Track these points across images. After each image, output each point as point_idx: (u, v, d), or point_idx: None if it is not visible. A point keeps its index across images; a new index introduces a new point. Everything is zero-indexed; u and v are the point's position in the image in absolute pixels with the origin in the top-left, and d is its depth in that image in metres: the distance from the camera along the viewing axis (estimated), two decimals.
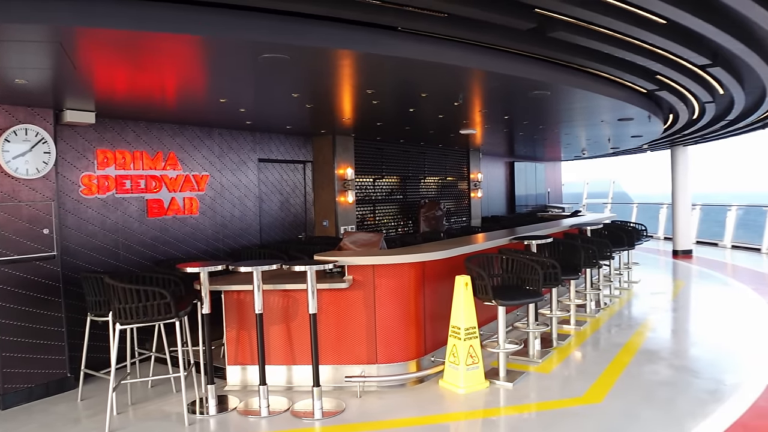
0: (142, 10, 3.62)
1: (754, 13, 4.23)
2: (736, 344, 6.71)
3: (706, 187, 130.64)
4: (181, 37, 3.86)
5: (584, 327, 7.57)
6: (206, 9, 3.78)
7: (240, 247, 8.50)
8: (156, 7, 3.66)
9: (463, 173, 14.71)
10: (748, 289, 10.08)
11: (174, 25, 3.72)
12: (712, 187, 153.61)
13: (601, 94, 6.67)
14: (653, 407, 4.91)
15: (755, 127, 12.01)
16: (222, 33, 3.91)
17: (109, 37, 3.79)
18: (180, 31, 3.76)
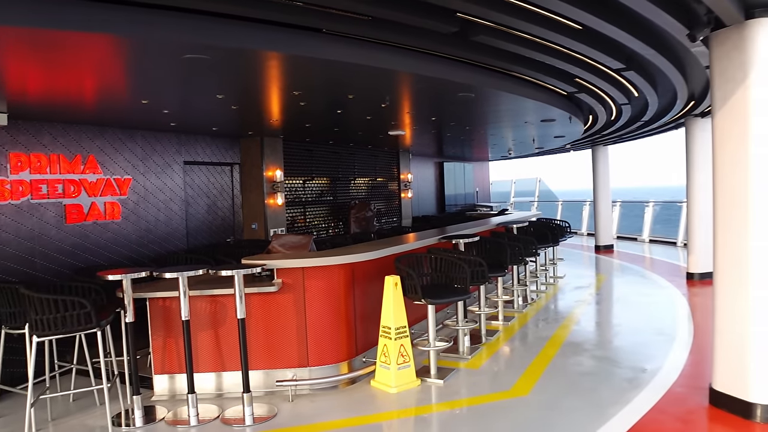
0: (58, 8, 3.47)
1: (663, 20, 4.46)
2: (654, 334, 7.05)
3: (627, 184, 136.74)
4: (100, 36, 3.73)
5: (512, 322, 7.78)
6: (125, 8, 3.67)
7: (166, 253, 8.27)
8: (73, 5, 3.51)
9: (393, 174, 14.83)
10: (664, 281, 10.61)
11: (91, 24, 3.59)
12: (631, 184, 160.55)
13: (524, 96, 6.88)
14: (577, 397, 5.10)
15: (669, 127, 12.68)
16: (142, 32, 3.81)
17: (23, 36, 3.61)
18: (98, 30, 3.63)
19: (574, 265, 13.17)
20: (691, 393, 5.07)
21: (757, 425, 4.39)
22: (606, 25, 4.51)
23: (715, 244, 4.71)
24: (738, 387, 4.54)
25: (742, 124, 4.39)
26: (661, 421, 4.53)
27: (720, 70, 4.57)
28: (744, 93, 4.38)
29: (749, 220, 4.39)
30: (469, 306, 7.90)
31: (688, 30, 4.49)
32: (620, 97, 7.75)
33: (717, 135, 4.61)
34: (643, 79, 6.67)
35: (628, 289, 10.23)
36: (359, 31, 4.50)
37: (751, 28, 4.34)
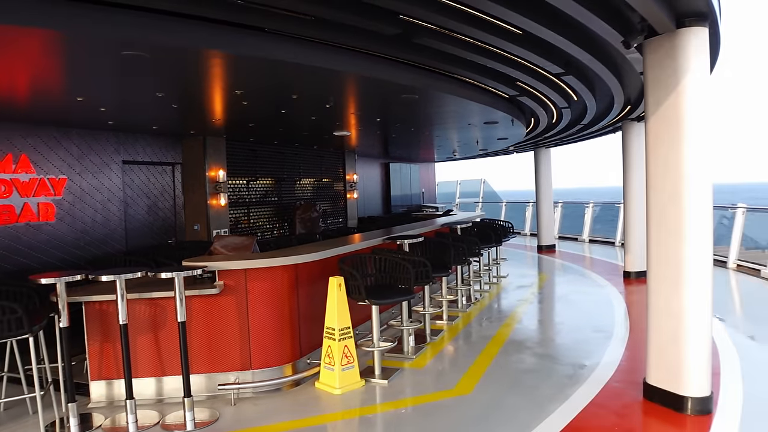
0: None
1: (599, 27, 4.60)
2: (593, 331, 7.25)
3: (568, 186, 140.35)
4: (33, 30, 3.57)
5: (456, 321, 7.87)
6: (61, 1, 3.53)
7: (103, 255, 8.02)
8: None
9: (339, 174, 14.80)
10: (603, 280, 10.95)
11: (24, 17, 3.43)
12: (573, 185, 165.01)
13: (467, 98, 6.98)
14: (518, 394, 5.19)
15: (607, 131, 13.10)
16: (78, 27, 3.67)
17: None
18: (31, 23, 3.48)
19: (517, 264, 13.44)
20: (627, 387, 5.23)
21: (688, 417, 4.57)
22: (545, 31, 4.62)
23: (648, 244, 4.89)
24: (670, 381, 4.72)
25: (674, 129, 4.57)
26: (598, 416, 4.66)
27: (653, 76, 4.74)
28: (676, 99, 4.55)
29: (681, 221, 4.57)
30: (414, 306, 7.97)
31: (623, 37, 4.65)
32: (560, 100, 7.95)
33: (650, 139, 4.79)
34: (582, 84, 6.86)
35: (569, 288, 10.50)
36: (302, 30, 4.47)
37: (682, 36, 4.51)
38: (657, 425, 4.55)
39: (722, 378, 5.39)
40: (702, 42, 4.54)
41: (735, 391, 5.07)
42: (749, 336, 7.00)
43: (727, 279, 10.93)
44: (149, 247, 8.94)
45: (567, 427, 4.45)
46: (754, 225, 11.99)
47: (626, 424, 4.54)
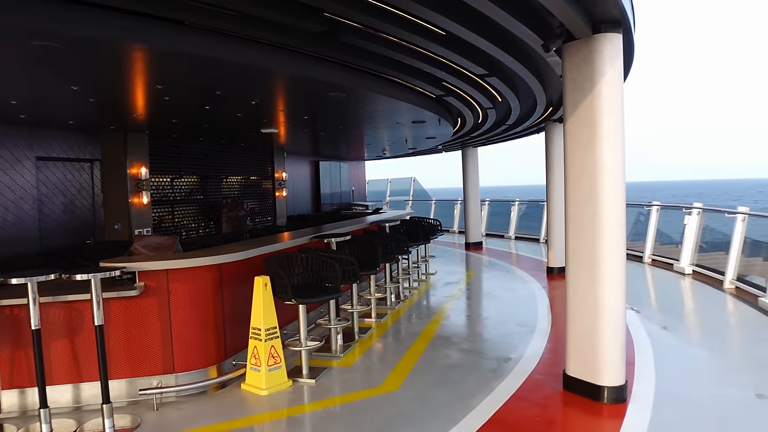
0: None
1: (520, 31, 4.73)
2: (517, 325, 7.46)
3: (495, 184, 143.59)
4: None
5: (385, 319, 7.92)
6: None
7: (15, 256, 7.59)
8: None
9: (268, 172, 14.60)
10: (528, 275, 11.28)
11: None
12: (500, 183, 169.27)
13: (394, 98, 7.03)
14: (444, 389, 5.27)
15: (531, 131, 13.49)
16: None
17: None
18: None
19: (445, 261, 13.65)
20: (549, 379, 5.41)
21: (605, 406, 4.77)
22: (468, 33, 4.70)
23: (567, 241, 5.07)
24: (588, 372, 4.91)
25: (590, 130, 4.75)
26: (521, 407, 4.79)
27: (571, 79, 4.91)
28: (592, 101, 4.73)
29: (597, 219, 4.76)
30: (343, 304, 7.95)
31: (543, 41, 4.79)
32: (485, 101, 8.13)
33: (568, 139, 4.96)
34: (506, 86, 7.03)
35: (495, 284, 10.75)
36: (225, 25, 4.38)
37: (598, 42, 4.70)
38: (575, 414, 4.72)
39: (636, 367, 5.65)
40: (616, 47, 4.74)
41: (648, 380, 5.33)
42: (662, 326, 7.37)
43: (643, 273, 11.47)
44: (66, 248, 8.54)
45: (490, 420, 4.56)
46: (668, 222, 12.63)
47: (547, 414, 4.69)
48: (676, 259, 11.29)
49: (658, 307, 8.90)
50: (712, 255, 10.74)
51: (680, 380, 5.42)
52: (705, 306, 8.89)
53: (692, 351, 6.51)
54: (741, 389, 5.10)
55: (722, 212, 10.45)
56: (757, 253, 9.13)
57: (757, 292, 8.46)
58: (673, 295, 9.73)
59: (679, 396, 4.99)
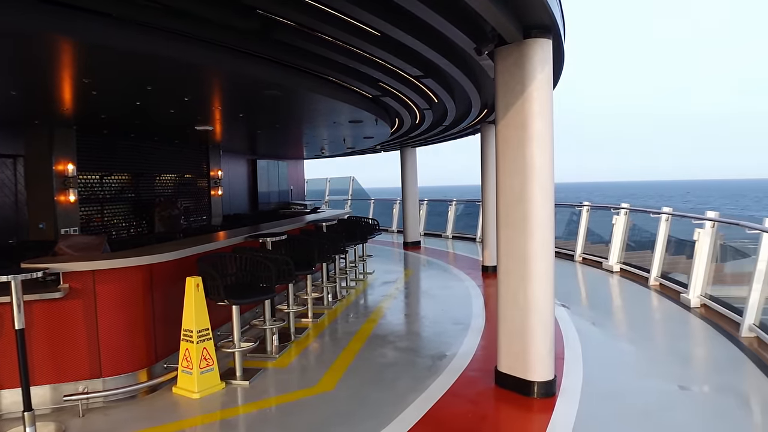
0: None
1: (453, 34, 4.80)
2: (452, 323, 7.57)
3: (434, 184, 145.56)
4: None
5: (321, 319, 7.89)
6: None
7: None
8: None
9: (203, 170, 14.30)
10: (464, 274, 11.46)
11: None
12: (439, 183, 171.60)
13: (331, 97, 7.00)
14: (379, 388, 5.30)
15: (467, 132, 13.71)
16: None
17: None
18: None
19: (383, 261, 13.71)
20: (481, 376, 5.52)
21: (535, 401, 4.91)
22: (403, 35, 4.74)
23: (498, 241, 5.19)
24: (518, 368, 5.04)
25: (521, 132, 4.87)
26: (453, 404, 4.87)
27: (503, 82, 5.02)
28: (522, 104, 4.85)
29: (528, 219, 4.89)
30: (279, 305, 7.89)
31: (476, 44, 4.88)
32: (422, 102, 8.21)
33: (500, 141, 5.07)
34: (441, 87, 7.12)
35: (431, 283, 10.88)
36: (154, 19, 4.25)
37: (528, 47, 4.82)
38: (506, 409, 4.83)
39: (566, 362, 5.84)
40: (546, 53, 4.87)
41: (576, 374, 5.51)
42: (591, 322, 7.63)
43: (574, 271, 11.85)
44: None
45: (424, 417, 4.61)
46: (599, 221, 13.08)
47: (479, 410, 4.79)
48: (605, 258, 11.71)
49: (587, 304, 9.21)
50: (639, 253, 11.20)
51: (607, 374, 5.63)
52: (631, 302, 9.26)
53: (619, 345, 6.77)
54: (665, 381, 5.35)
55: (647, 212, 10.91)
56: (681, 252, 9.56)
57: (680, 288, 8.88)
58: (601, 292, 10.09)
59: (605, 389, 5.19)
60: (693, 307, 8.06)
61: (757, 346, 6.28)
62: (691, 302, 8.13)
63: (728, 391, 5.12)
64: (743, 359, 5.94)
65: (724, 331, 6.88)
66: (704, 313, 7.77)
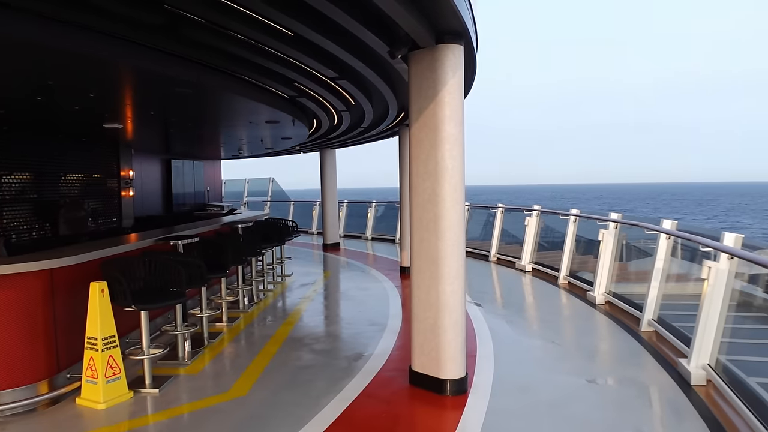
0: None
1: (367, 37, 4.83)
2: (369, 324, 7.62)
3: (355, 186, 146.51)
4: None
5: (237, 323, 7.75)
6: None
7: None
8: None
9: (113, 170, 13.69)
10: (382, 275, 11.55)
11: None
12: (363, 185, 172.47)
13: (246, 97, 6.89)
14: (294, 391, 5.26)
15: (386, 135, 13.82)
16: None
17: None
18: None
19: (302, 263, 13.62)
20: (396, 376, 5.58)
21: (448, 398, 5.02)
22: (317, 36, 4.73)
23: (411, 242, 5.27)
24: (432, 367, 5.13)
25: (432, 135, 4.97)
26: (368, 404, 4.90)
27: (416, 85, 5.10)
28: (434, 108, 4.95)
29: (439, 220, 4.99)
30: (192, 309, 7.68)
31: (389, 48, 4.93)
32: (339, 104, 8.22)
33: (413, 144, 5.15)
34: (358, 90, 7.15)
35: (350, 284, 10.89)
36: (54, 10, 4.04)
37: (441, 52, 4.93)
38: (420, 408, 4.91)
39: (478, 359, 6.00)
40: (458, 58, 5.00)
41: (487, 371, 5.67)
42: (503, 320, 7.87)
43: (489, 270, 12.19)
44: None
45: (339, 418, 4.62)
46: (514, 223, 13.50)
47: (393, 409, 4.84)
48: (518, 258, 12.11)
49: (500, 302, 9.50)
50: (551, 253, 11.65)
51: (518, 369, 5.82)
52: (541, 300, 9.62)
53: (529, 342, 7.01)
54: (573, 375, 5.59)
55: (557, 214, 11.36)
56: (591, 251, 10.01)
57: (586, 286, 9.31)
58: (513, 291, 10.43)
59: (516, 384, 5.37)
60: (598, 304, 8.46)
61: (655, 339, 6.67)
62: (597, 299, 8.54)
63: (629, 383, 5.41)
64: (643, 352, 6.30)
65: (626, 326, 7.27)
66: (608, 310, 8.18)
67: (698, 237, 5.99)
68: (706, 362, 5.25)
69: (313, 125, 10.85)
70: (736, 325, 6.14)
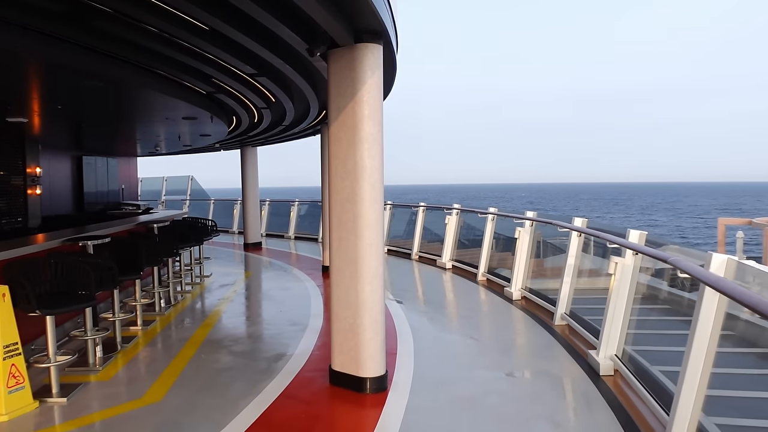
0: None
1: (285, 34, 4.78)
2: (290, 324, 7.54)
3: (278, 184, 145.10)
4: None
5: (152, 326, 7.50)
6: None
7: None
8: None
9: (18, 167, 12.91)
10: (304, 275, 11.46)
11: None
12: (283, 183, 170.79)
13: (160, 91, 6.66)
14: (212, 394, 5.14)
15: (308, 133, 13.72)
16: None
17: None
18: None
19: (222, 263, 13.34)
20: (317, 376, 5.55)
21: (368, 396, 5.04)
22: (233, 31, 4.63)
23: (330, 241, 5.26)
24: (351, 365, 5.14)
25: (351, 134, 4.97)
26: (287, 406, 4.85)
27: (335, 84, 5.09)
28: (353, 107, 4.95)
29: (358, 219, 5.00)
30: (104, 312, 7.36)
31: (308, 45, 4.89)
32: (259, 101, 8.09)
33: (332, 143, 5.14)
34: (278, 87, 7.06)
35: (271, 284, 10.76)
36: None
37: (359, 50, 4.93)
38: (340, 407, 4.91)
39: (398, 357, 6.05)
40: (377, 57, 5.02)
41: (407, 368, 5.74)
42: (423, 317, 7.99)
43: (411, 268, 12.35)
44: None
45: (257, 421, 4.54)
46: (436, 221, 13.71)
47: (312, 410, 4.81)
48: (439, 255, 12.31)
49: (421, 300, 9.63)
50: (472, 251, 11.90)
51: (437, 365, 5.92)
52: (461, 297, 9.83)
53: (449, 338, 7.15)
54: (491, 370, 5.75)
55: (476, 212, 11.64)
56: (509, 249, 10.29)
57: (504, 282, 9.57)
58: (434, 288, 10.61)
59: (435, 380, 5.46)
60: (515, 300, 8.73)
61: (568, 333, 6.94)
62: (514, 295, 8.81)
63: (544, 375, 5.62)
64: (556, 345, 6.54)
65: (541, 321, 7.53)
66: (524, 305, 8.45)
67: (606, 234, 6.28)
68: (613, 353, 5.50)
69: (232, 122, 10.63)
70: (641, 317, 6.50)
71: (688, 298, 6.03)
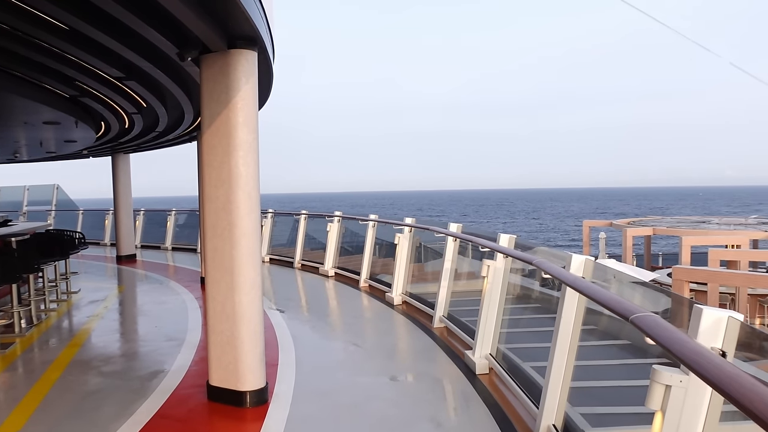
0: None
1: (153, 37, 4.59)
2: (165, 340, 7.20)
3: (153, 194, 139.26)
4: None
5: (12, 348, 6.89)
6: None
7: None
8: None
9: None
10: (181, 287, 11.00)
11: None
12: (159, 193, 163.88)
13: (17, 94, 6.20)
14: (79, 419, 4.80)
15: (184, 139, 13.23)
16: None
17: None
18: None
19: (92, 278, 12.54)
20: (194, 392, 5.33)
21: (248, 410, 4.92)
22: (95, 32, 4.39)
23: (205, 251, 5.09)
24: (230, 380, 4.99)
25: (226, 142, 4.84)
26: (162, 426, 4.62)
27: (208, 90, 4.94)
28: (228, 114, 4.83)
29: (234, 228, 4.87)
30: None
31: (178, 49, 4.72)
32: (129, 106, 7.71)
33: (205, 150, 4.98)
34: (149, 91, 6.77)
35: (146, 298, 10.25)
36: None
37: (233, 56, 4.82)
38: (218, 423, 4.76)
39: (279, 368, 5.96)
40: (251, 64, 4.93)
41: (289, 378, 5.66)
42: (306, 325, 7.93)
43: (293, 277, 12.23)
44: None
45: None
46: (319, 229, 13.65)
47: (189, 428, 4.62)
48: (322, 263, 12.29)
49: (304, 308, 9.57)
50: (356, 257, 11.96)
51: (320, 374, 5.89)
52: (343, 304, 9.87)
53: (332, 345, 7.15)
54: (373, 375, 5.81)
55: (357, 219, 11.74)
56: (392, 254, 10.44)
57: (385, 288, 9.72)
58: (316, 296, 10.58)
59: (317, 389, 5.42)
60: (396, 305, 8.89)
61: (446, 335, 7.16)
62: (395, 300, 8.96)
63: (424, 377, 5.76)
64: (435, 348, 6.72)
65: (421, 324, 7.71)
66: (405, 310, 8.63)
67: (478, 238, 6.56)
68: (488, 352, 5.74)
69: (101, 128, 10.04)
70: (514, 316, 6.83)
71: (557, 297, 6.43)
